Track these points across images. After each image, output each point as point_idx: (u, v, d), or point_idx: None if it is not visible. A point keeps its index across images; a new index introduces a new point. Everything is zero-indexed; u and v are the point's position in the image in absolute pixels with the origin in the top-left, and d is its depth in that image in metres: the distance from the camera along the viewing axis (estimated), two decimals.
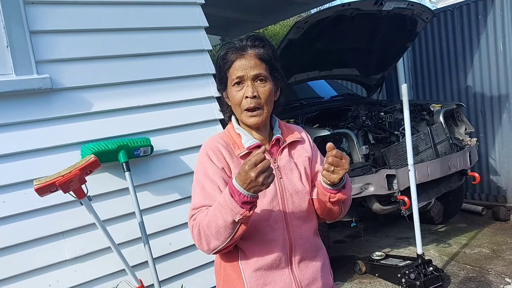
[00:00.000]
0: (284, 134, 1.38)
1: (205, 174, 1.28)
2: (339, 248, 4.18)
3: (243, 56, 1.27)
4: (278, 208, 1.28)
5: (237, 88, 1.28)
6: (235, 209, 1.11)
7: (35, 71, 2.05)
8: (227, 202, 1.12)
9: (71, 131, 2.14)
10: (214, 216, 1.16)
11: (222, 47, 1.32)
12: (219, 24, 6.59)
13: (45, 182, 1.79)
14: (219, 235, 1.16)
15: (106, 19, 2.28)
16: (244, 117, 1.30)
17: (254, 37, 1.31)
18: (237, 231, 1.16)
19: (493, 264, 3.40)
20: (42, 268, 2.06)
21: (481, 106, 4.74)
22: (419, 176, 3.25)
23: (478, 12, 4.61)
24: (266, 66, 1.29)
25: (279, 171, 1.31)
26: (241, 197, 1.10)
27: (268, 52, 1.30)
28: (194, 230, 1.21)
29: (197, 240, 1.22)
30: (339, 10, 3.35)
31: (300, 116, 3.85)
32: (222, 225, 1.15)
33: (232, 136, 1.35)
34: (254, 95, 1.26)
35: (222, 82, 1.33)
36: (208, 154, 1.30)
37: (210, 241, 1.19)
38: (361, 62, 4.33)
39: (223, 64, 1.30)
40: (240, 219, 1.12)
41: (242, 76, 1.26)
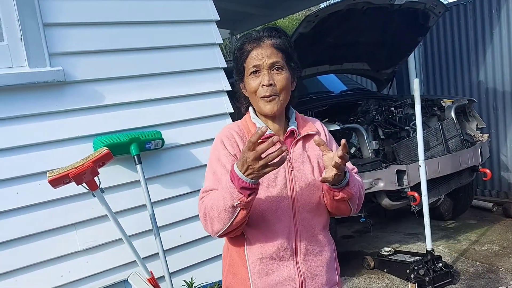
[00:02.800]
0: (300, 126, 1.37)
1: (218, 159, 1.29)
2: (348, 243, 4.18)
3: (260, 45, 1.28)
4: (287, 200, 1.28)
5: (253, 77, 1.29)
6: (234, 194, 1.12)
7: (48, 64, 2.07)
8: (228, 186, 1.13)
9: (83, 123, 2.16)
10: (217, 199, 1.18)
11: (239, 39, 1.34)
12: (228, 18, 6.57)
13: (59, 174, 1.81)
14: (220, 218, 1.17)
15: (118, 12, 2.28)
16: (261, 105, 1.30)
17: (271, 28, 1.32)
18: (237, 216, 1.16)
19: (503, 261, 3.37)
20: (55, 258, 2.10)
21: (493, 101, 4.69)
22: (429, 172, 3.23)
23: (492, 7, 4.54)
24: (282, 55, 1.29)
25: (291, 164, 1.31)
26: (240, 182, 1.10)
27: (285, 42, 1.31)
28: (201, 211, 1.24)
29: (203, 221, 1.24)
30: (350, 3, 3.32)
31: (309, 110, 3.83)
32: (222, 208, 1.16)
33: (247, 125, 1.36)
34: (270, 83, 1.26)
35: (239, 73, 1.34)
36: (223, 141, 1.32)
37: (213, 223, 1.20)
38: (372, 57, 4.30)
39: (240, 54, 1.31)
40: (238, 204, 1.12)
41: (258, 65, 1.27)
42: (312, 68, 4.08)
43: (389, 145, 3.48)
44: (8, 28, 2.00)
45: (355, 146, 3.37)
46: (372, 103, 3.87)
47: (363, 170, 3.16)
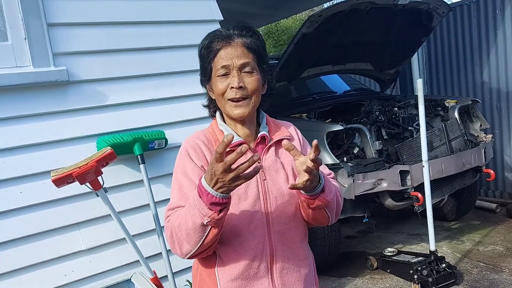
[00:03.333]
0: (272, 131, 1.28)
1: (184, 172, 1.19)
2: (351, 244, 4.17)
3: (230, 44, 1.18)
4: (260, 213, 1.18)
5: (221, 79, 1.18)
6: (203, 211, 1.02)
7: (52, 64, 2.07)
8: (196, 203, 1.03)
9: (87, 123, 2.16)
10: (184, 217, 1.08)
11: (207, 36, 1.23)
12: (231, 18, 6.55)
13: (62, 173, 1.81)
14: (189, 239, 1.08)
15: (122, 12, 2.29)
16: (228, 108, 1.19)
17: (242, 26, 1.22)
18: (208, 235, 1.07)
19: (507, 262, 3.36)
20: (58, 258, 2.09)
21: (497, 102, 4.67)
22: (433, 172, 3.22)
23: (496, 7, 4.53)
24: (253, 56, 1.19)
25: (263, 172, 1.21)
26: (209, 198, 1.00)
27: (257, 42, 1.21)
28: (167, 232, 1.13)
29: (170, 243, 1.13)
30: (354, 4, 3.32)
31: (312, 110, 3.84)
32: (191, 228, 1.06)
33: (215, 133, 1.26)
34: (240, 86, 1.16)
35: (206, 73, 1.23)
36: (188, 151, 1.22)
37: (182, 245, 1.10)
38: (375, 57, 4.29)
39: (207, 53, 1.21)
40: (209, 221, 1.02)
41: (227, 65, 1.17)
42: (315, 68, 4.08)
43: (393, 145, 3.47)
44: (12, 28, 2.00)
45: (358, 146, 3.37)
46: (375, 103, 3.87)
47: (367, 170, 3.15)
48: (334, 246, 3.41)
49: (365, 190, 3.14)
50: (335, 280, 3.44)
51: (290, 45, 3.46)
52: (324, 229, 3.33)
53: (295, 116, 3.79)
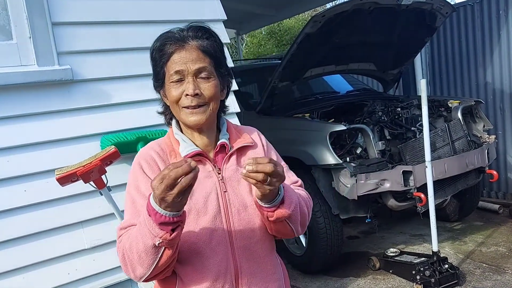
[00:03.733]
0: (233, 138, 1.20)
1: (137, 187, 1.11)
2: (353, 244, 4.17)
3: (184, 47, 1.09)
4: (222, 228, 1.10)
5: (175, 85, 1.09)
6: (153, 231, 0.93)
7: (56, 62, 2.08)
8: (146, 223, 0.94)
9: (91, 122, 2.17)
10: (135, 238, 0.99)
11: (159, 38, 1.14)
12: (234, 17, 6.57)
13: (66, 172, 1.82)
14: (142, 261, 0.99)
15: (126, 12, 2.29)
16: (183, 116, 1.11)
17: (197, 27, 1.13)
18: (161, 256, 0.98)
19: (509, 263, 3.35)
20: (62, 256, 2.10)
21: (500, 103, 4.66)
22: (436, 173, 3.22)
23: (499, 7, 4.51)
24: (210, 61, 1.10)
25: (224, 184, 1.12)
26: (158, 217, 0.91)
27: (213, 44, 1.12)
28: (119, 253, 1.05)
29: (122, 265, 1.05)
30: (357, 4, 3.31)
31: (315, 110, 3.83)
32: (142, 250, 0.97)
33: (171, 143, 1.17)
34: (196, 93, 1.07)
35: (158, 78, 1.14)
36: (141, 164, 1.13)
37: (135, 268, 1.01)
38: (378, 57, 4.29)
39: (159, 57, 1.11)
40: (161, 242, 0.94)
41: (181, 70, 1.08)
42: (318, 68, 4.08)
43: (395, 145, 3.47)
44: (17, 26, 2.01)
45: (361, 146, 3.36)
46: (378, 104, 3.86)
47: (369, 171, 3.15)
48: (336, 246, 3.41)
49: (367, 190, 3.13)
50: (337, 280, 3.44)
51: (293, 45, 3.46)
52: (327, 229, 3.33)
53: (298, 116, 3.79)
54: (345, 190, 3.16)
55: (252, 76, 5.15)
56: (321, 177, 3.32)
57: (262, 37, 14.09)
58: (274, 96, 3.89)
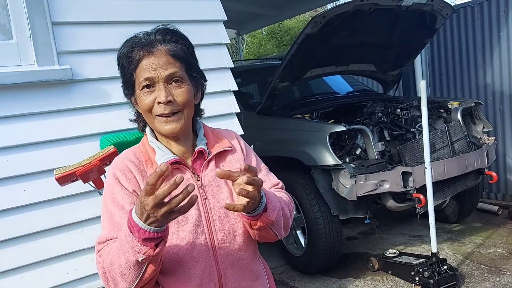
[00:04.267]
0: (211, 143, 1.16)
1: (113, 199, 1.07)
2: (352, 245, 4.17)
3: (152, 53, 1.05)
4: (203, 236, 1.07)
5: (146, 93, 1.05)
6: (136, 248, 0.90)
7: (56, 62, 2.08)
8: (127, 239, 0.91)
9: (90, 122, 2.17)
10: (116, 254, 0.95)
11: (125, 43, 1.09)
12: (235, 18, 6.59)
13: (66, 172, 1.82)
14: (125, 277, 0.95)
15: (126, 12, 2.29)
16: (157, 125, 1.07)
17: (164, 30, 1.09)
18: (145, 272, 0.95)
19: (508, 265, 3.35)
20: (60, 256, 2.10)
21: (500, 104, 4.66)
22: (435, 174, 3.22)
23: (500, 9, 4.52)
24: (181, 65, 1.07)
25: (204, 191, 1.09)
26: (141, 233, 0.88)
27: (183, 47, 1.09)
28: (99, 269, 1.01)
29: (104, 281, 1.01)
30: (357, 5, 3.32)
31: (315, 111, 3.84)
32: (125, 266, 0.93)
33: (146, 151, 1.13)
34: (169, 100, 1.03)
35: (128, 86, 1.10)
36: (116, 175, 1.09)
37: (117, 283, 0.98)
38: (378, 58, 4.29)
39: (127, 64, 1.07)
40: (144, 259, 0.91)
41: (151, 77, 1.04)
42: (319, 69, 4.08)
43: (395, 146, 3.47)
44: (17, 26, 2.02)
45: (361, 147, 3.36)
46: (378, 105, 3.87)
47: (369, 172, 3.15)
48: (335, 247, 3.41)
49: (367, 191, 3.14)
50: (336, 281, 3.44)
51: (294, 46, 3.46)
52: (326, 230, 3.33)
53: (298, 116, 3.79)
54: (345, 191, 3.16)
55: (253, 77, 5.15)
56: (321, 178, 3.32)
57: (262, 38, 14.10)
58: (274, 96, 3.89)
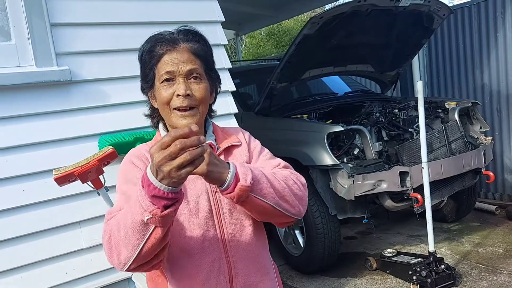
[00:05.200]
0: (219, 139, 1.19)
1: (128, 180, 1.08)
2: (350, 244, 4.19)
3: (175, 49, 1.09)
4: (213, 228, 1.09)
5: (166, 86, 1.09)
6: (144, 204, 0.85)
7: (55, 63, 2.09)
8: (138, 195, 0.87)
9: (89, 122, 2.18)
10: (124, 214, 0.93)
11: (148, 40, 1.14)
12: (233, 19, 6.60)
13: (64, 172, 1.83)
14: (127, 241, 0.90)
15: (124, 13, 2.31)
16: (174, 118, 1.09)
17: (187, 31, 1.14)
18: (149, 237, 0.89)
19: (505, 264, 3.37)
20: (59, 256, 2.11)
21: (497, 104, 4.68)
22: (432, 174, 3.24)
23: (496, 9, 4.54)
24: (201, 63, 1.11)
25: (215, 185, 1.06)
26: (151, 189, 0.83)
27: (204, 47, 1.14)
28: (105, 236, 0.97)
29: (107, 249, 0.97)
30: (355, 5, 3.33)
31: (313, 111, 3.85)
32: (129, 226, 0.89)
33: None
34: (188, 93, 1.07)
35: (147, 79, 1.14)
36: (132, 161, 1.13)
37: (120, 250, 0.93)
38: (376, 59, 4.31)
39: (149, 58, 1.12)
40: (150, 218, 0.85)
41: (173, 71, 1.08)
42: (317, 70, 4.09)
43: (393, 146, 3.49)
44: (16, 27, 2.03)
45: (359, 147, 3.38)
46: (375, 105, 3.88)
47: (366, 171, 3.17)
48: (334, 247, 3.42)
49: (365, 191, 3.15)
50: (334, 280, 3.45)
51: (292, 46, 3.48)
52: (324, 229, 3.34)
53: (296, 116, 3.81)
54: (343, 191, 3.18)
55: (251, 77, 5.17)
56: (319, 178, 3.34)
57: (261, 38, 14.12)
58: (273, 97, 3.91)
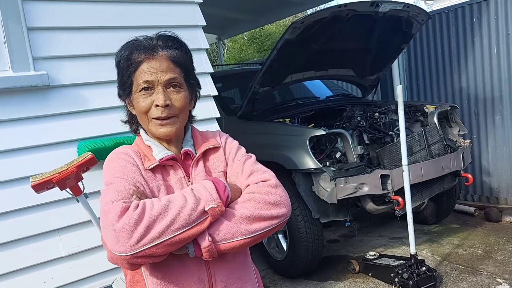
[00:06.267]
0: (198, 143, 1.18)
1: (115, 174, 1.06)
2: (333, 248, 4.21)
3: (154, 57, 1.07)
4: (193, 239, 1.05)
5: (144, 95, 1.07)
6: (214, 195, 0.99)
7: (32, 68, 2.05)
8: (206, 187, 1.00)
9: (68, 128, 2.15)
10: (180, 197, 0.98)
11: (125, 47, 1.12)
12: (215, 23, 6.60)
13: (42, 179, 1.79)
14: (173, 220, 0.94)
15: (104, 17, 2.28)
16: (152, 127, 1.09)
17: (167, 37, 1.11)
18: (196, 225, 0.96)
19: (485, 265, 3.44)
20: (37, 265, 2.07)
21: (474, 108, 4.79)
22: (413, 176, 3.28)
23: (473, 15, 4.65)
24: (181, 71, 1.10)
25: None
26: (222, 188, 1.02)
27: (183, 54, 1.12)
28: (134, 213, 0.94)
29: (125, 223, 0.93)
30: (335, 11, 3.37)
31: (296, 115, 3.87)
32: (188, 208, 0.96)
33: (141, 149, 1.14)
34: (167, 104, 1.06)
35: (125, 87, 1.12)
36: (121, 157, 1.11)
37: (152, 228, 0.93)
38: (357, 63, 4.36)
39: (127, 66, 1.09)
40: (213, 208, 0.97)
41: (151, 80, 1.06)
42: (299, 74, 4.12)
43: (374, 150, 3.53)
44: None
45: (341, 151, 3.41)
46: (357, 109, 3.92)
47: (348, 175, 3.20)
48: (317, 250, 3.43)
49: (347, 194, 3.17)
50: (317, 284, 3.46)
51: (274, 51, 3.49)
52: (307, 233, 3.35)
53: (278, 120, 3.82)
54: (325, 194, 3.20)
55: (234, 81, 5.16)
56: (302, 182, 3.35)
57: (243, 42, 14.14)
58: (255, 101, 3.91)
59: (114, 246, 0.94)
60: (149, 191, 1.07)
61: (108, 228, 0.95)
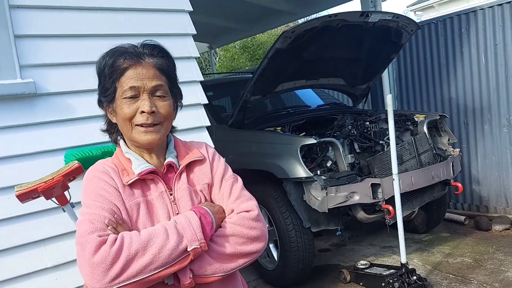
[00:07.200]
0: (181, 155, 1.16)
1: (98, 195, 1.04)
2: (324, 257, 4.19)
3: (140, 63, 1.07)
4: None
5: (129, 102, 1.05)
6: (198, 234, 0.95)
7: (19, 76, 2.02)
8: (191, 222, 0.96)
9: (54, 136, 2.12)
10: (161, 233, 0.94)
11: (109, 54, 1.11)
12: (206, 32, 6.62)
13: (27, 188, 1.76)
14: (153, 259, 0.92)
15: (92, 25, 2.26)
16: (136, 134, 1.07)
17: (153, 45, 1.11)
18: (175, 264, 0.94)
19: (475, 274, 3.44)
20: (22, 276, 2.02)
21: (464, 117, 4.84)
22: (403, 185, 3.29)
23: (461, 26, 4.72)
24: (166, 79, 1.10)
25: (176, 205, 1.08)
26: (209, 222, 0.97)
27: (169, 63, 1.13)
28: (111, 250, 0.92)
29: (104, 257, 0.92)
30: (326, 20, 3.39)
31: (287, 124, 3.87)
32: (168, 247, 0.93)
33: (121, 162, 1.12)
34: (153, 110, 1.05)
35: (107, 94, 1.09)
36: (98, 176, 1.09)
37: (130, 264, 0.92)
38: (347, 72, 4.39)
39: (110, 72, 1.08)
40: (195, 248, 0.94)
41: (137, 87, 1.05)
42: (290, 83, 4.13)
43: (364, 158, 3.53)
44: None
45: (332, 159, 3.41)
46: (348, 118, 3.94)
47: (339, 184, 3.19)
48: (308, 260, 3.41)
49: (338, 203, 3.17)
50: None
51: (265, 60, 3.50)
52: (298, 242, 3.33)
53: (269, 129, 3.81)
54: (316, 203, 3.19)
55: (225, 90, 5.17)
56: (293, 190, 3.34)
57: (235, 51, 14.20)
58: (246, 109, 3.91)
59: (89, 281, 0.94)
60: (125, 212, 1.04)
61: (84, 263, 0.95)
